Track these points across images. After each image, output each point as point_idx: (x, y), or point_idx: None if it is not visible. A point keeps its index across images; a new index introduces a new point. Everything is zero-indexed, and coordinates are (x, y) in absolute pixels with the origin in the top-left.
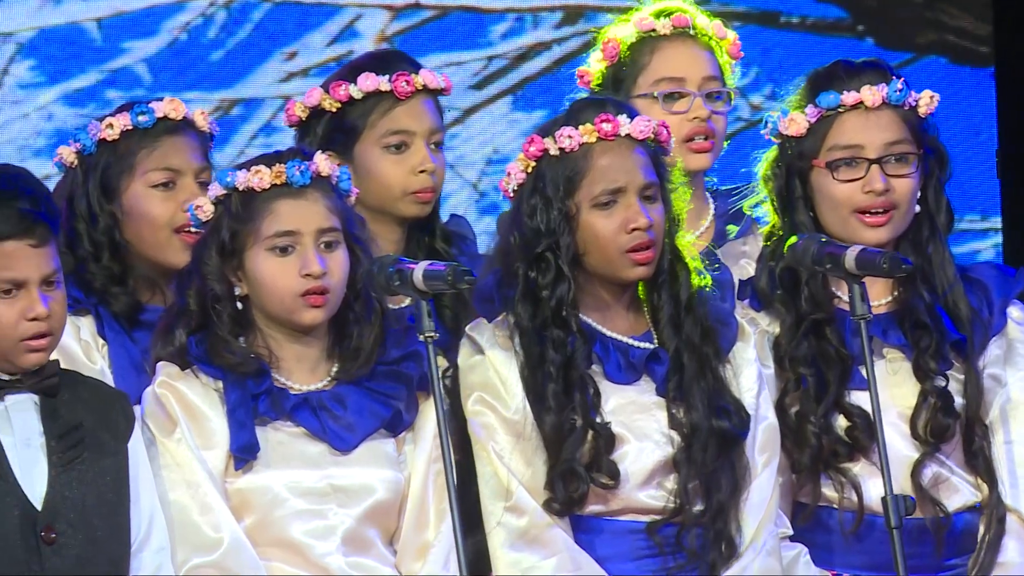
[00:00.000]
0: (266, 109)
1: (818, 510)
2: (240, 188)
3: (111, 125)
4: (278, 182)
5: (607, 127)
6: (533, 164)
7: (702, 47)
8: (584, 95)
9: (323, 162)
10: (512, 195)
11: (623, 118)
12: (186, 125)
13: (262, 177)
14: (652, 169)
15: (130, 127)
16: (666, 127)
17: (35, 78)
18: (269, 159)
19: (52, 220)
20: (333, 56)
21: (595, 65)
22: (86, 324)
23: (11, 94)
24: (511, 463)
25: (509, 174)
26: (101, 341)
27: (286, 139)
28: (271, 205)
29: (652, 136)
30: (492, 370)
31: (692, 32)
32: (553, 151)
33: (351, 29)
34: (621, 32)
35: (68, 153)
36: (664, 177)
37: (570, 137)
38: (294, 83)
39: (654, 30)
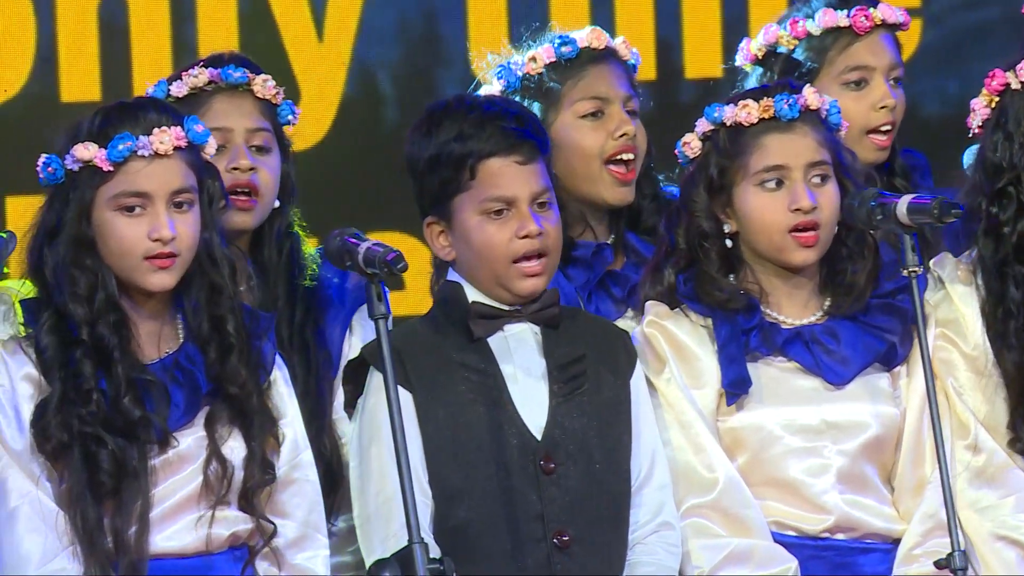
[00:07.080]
0: None
1: None
2: (728, 123)
3: (534, 59)
4: (766, 116)
5: None
6: (996, 99)
7: None
8: None
9: (812, 95)
10: (979, 131)
11: None
12: (609, 54)
13: (750, 111)
14: None
15: (553, 59)
16: None
17: None
18: (756, 93)
19: (539, 139)
20: None
21: None
22: None
23: None
24: (970, 400)
25: (974, 110)
26: None
27: None
28: (760, 140)
29: None
30: (954, 305)
31: None
32: (1015, 85)
33: None
34: None
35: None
36: None
37: None
38: None
39: None
